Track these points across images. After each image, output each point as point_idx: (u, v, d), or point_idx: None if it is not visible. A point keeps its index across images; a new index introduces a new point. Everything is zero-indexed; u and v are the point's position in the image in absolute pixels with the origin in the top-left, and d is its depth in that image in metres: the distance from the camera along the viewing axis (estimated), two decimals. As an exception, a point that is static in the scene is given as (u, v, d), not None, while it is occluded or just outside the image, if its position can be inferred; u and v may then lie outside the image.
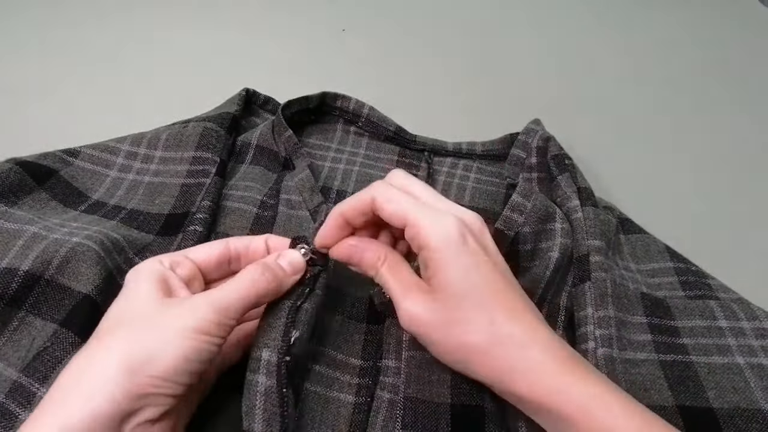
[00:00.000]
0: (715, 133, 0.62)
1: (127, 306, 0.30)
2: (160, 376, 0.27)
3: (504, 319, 0.31)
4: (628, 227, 0.48)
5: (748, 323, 0.39)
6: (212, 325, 0.29)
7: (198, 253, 0.35)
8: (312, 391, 0.36)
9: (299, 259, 0.35)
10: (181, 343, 0.28)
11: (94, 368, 0.26)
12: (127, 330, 0.28)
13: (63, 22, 0.67)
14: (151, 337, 0.28)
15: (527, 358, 0.30)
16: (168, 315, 0.29)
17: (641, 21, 0.79)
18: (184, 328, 0.28)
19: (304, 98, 0.53)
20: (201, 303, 0.29)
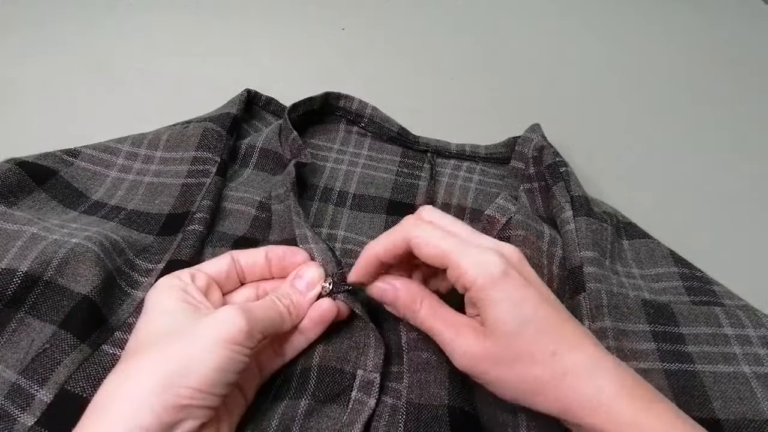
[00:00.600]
0: (717, 132, 0.62)
1: (154, 323, 0.30)
2: (197, 387, 0.27)
3: (566, 349, 0.30)
4: (631, 232, 0.47)
5: (754, 331, 0.39)
6: (243, 334, 0.29)
7: (209, 267, 0.35)
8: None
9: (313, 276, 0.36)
10: (214, 353, 0.28)
11: (131, 384, 0.27)
12: (160, 345, 0.29)
13: (63, 22, 0.67)
14: (185, 349, 0.28)
15: (596, 389, 0.29)
16: (199, 327, 0.29)
17: (642, 21, 0.78)
18: (217, 339, 0.29)
19: (309, 99, 0.52)
20: (230, 313, 0.30)
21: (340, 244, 0.45)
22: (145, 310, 0.32)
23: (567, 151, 0.51)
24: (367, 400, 0.34)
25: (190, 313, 0.30)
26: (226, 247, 0.41)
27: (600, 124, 0.62)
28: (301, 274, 0.36)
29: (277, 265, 0.37)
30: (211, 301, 0.33)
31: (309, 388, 0.35)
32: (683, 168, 0.58)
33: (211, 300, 0.34)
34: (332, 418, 0.34)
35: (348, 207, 0.48)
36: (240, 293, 0.37)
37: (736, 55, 0.73)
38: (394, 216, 0.47)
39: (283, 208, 0.43)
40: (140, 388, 0.26)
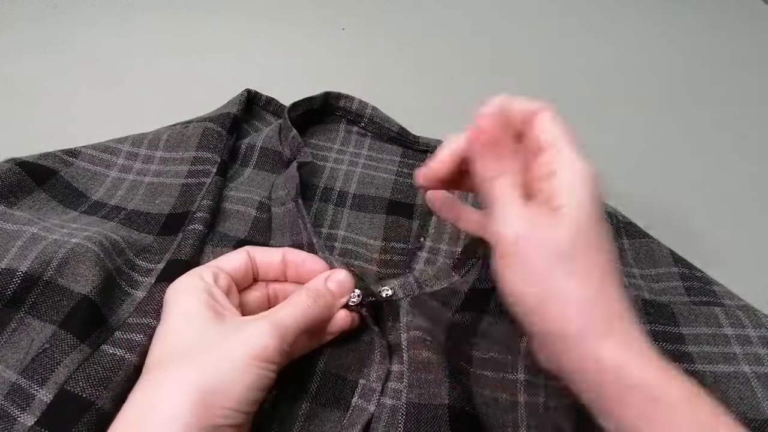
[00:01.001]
0: (718, 132, 0.62)
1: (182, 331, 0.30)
2: (231, 407, 0.27)
3: (612, 283, 0.28)
4: (631, 231, 0.47)
5: (754, 331, 0.39)
6: (274, 352, 0.29)
7: (228, 265, 0.35)
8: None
9: (348, 281, 0.36)
10: (247, 372, 0.28)
11: (164, 401, 0.26)
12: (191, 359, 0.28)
13: (63, 22, 0.67)
14: (219, 366, 0.28)
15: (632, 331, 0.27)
16: (231, 341, 0.29)
17: (642, 20, 0.78)
18: (250, 356, 0.28)
19: (309, 99, 0.52)
20: (262, 329, 0.29)
21: (340, 243, 0.45)
22: (168, 312, 0.31)
23: (567, 151, 0.51)
24: (367, 407, 0.34)
25: (218, 323, 0.30)
26: (227, 248, 0.41)
27: (600, 124, 0.62)
28: (333, 278, 0.36)
29: (295, 269, 0.37)
30: (232, 302, 0.33)
31: (311, 391, 0.35)
32: (683, 168, 0.58)
33: (232, 302, 0.33)
34: (332, 421, 0.34)
35: (348, 207, 0.48)
36: (251, 294, 0.37)
37: (736, 55, 0.73)
38: (394, 216, 0.47)
39: (284, 211, 0.43)
40: (175, 406, 0.26)
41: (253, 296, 0.37)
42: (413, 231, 0.47)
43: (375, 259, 0.44)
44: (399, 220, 0.47)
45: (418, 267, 0.44)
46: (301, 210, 0.41)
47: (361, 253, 0.44)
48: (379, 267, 0.44)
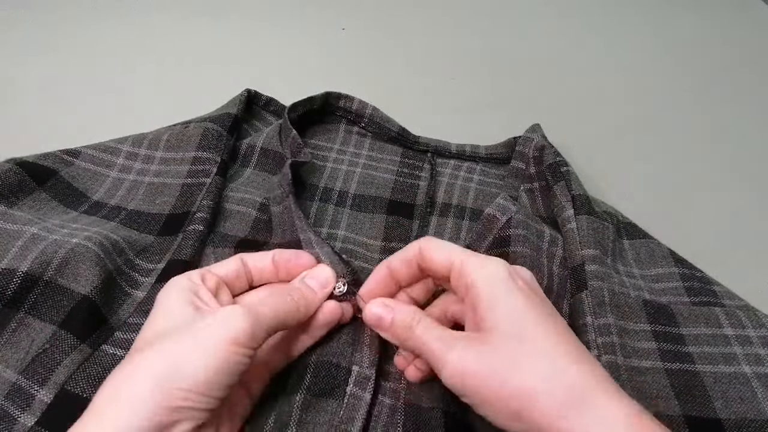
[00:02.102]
0: (718, 132, 0.62)
1: (159, 322, 0.30)
2: (190, 389, 0.26)
3: (567, 364, 0.28)
4: (631, 232, 0.47)
5: (754, 331, 0.39)
6: (245, 335, 0.28)
7: (219, 268, 0.35)
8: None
9: (327, 275, 0.36)
10: (213, 354, 0.27)
11: (127, 384, 0.26)
12: (158, 344, 0.28)
13: (63, 22, 0.67)
14: (181, 349, 0.27)
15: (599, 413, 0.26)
16: (199, 326, 0.29)
17: (642, 21, 0.79)
18: (217, 339, 0.28)
19: (309, 99, 0.52)
20: (233, 312, 0.29)
21: (340, 243, 0.45)
22: (152, 310, 0.31)
23: (567, 152, 0.51)
24: (362, 395, 0.34)
25: (193, 314, 0.30)
26: (228, 248, 0.41)
27: (600, 124, 0.62)
28: (313, 273, 0.36)
29: (284, 268, 0.37)
30: (221, 303, 0.33)
31: (305, 382, 0.35)
32: (684, 168, 0.58)
33: (221, 302, 0.33)
34: (329, 412, 0.34)
35: (348, 207, 0.48)
36: (250, 295, 0.37)
37: (736, 55, 0.73)
38: (394, 216, 0.47)
39: (281, 209, 0.43)
40: (135, 389, 0.26)
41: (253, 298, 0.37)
42: (413, 231, 0.47)
43: (375, 259, 0.44)
44: (399, 220, 0.47)
45: None
46: (296, 208, 0.41)
47: (362, 253, 0.44)
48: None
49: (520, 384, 0.27)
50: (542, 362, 0.28)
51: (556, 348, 0.28)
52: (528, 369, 0.28)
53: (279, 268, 0.37)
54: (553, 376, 0.27)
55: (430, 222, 0.48)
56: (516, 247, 0.41)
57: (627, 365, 0.36)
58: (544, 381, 0.27)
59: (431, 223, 0.48)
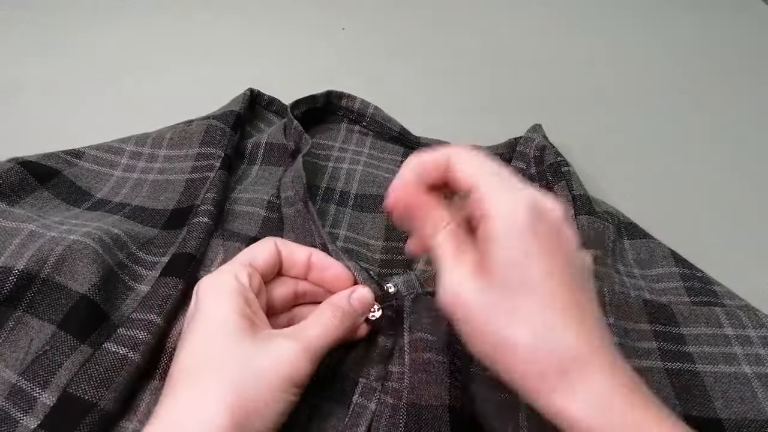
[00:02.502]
0: (718, 132, 0.62)
1: (215, 340, 0.29)
2: (257, 428, 0.27)
3: (560, 322, 0.25)
4: (632, 232, 0.47)
5: (755, 331, 0.39)
6: (305, 376, 0.29)
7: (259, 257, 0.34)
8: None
9: (369, 300, 0.35)
10: (282, 397, 0.28)
11: (200, 415, 0.26)
12: (227, 374, 0.27)
13: (64, 22, 0.67)
14: (255, 389, 0.27)
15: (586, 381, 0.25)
16: (266, 361, 0.28)
17: (642, 21, 0.79)
18: (285, 381, 0.28)
19: (312, 97, 0.52)
20: (295, 352, 0.29)
21: (341, 243, 0.45)
22: (199, 317, 0.30)
23: (568, 152, 0.51)
24: (368, 405, 0.34)
25: (252, 336, 0.29)
26: (239, 243, 0.41)
27: (601, 124, 0.62)
28: (359, 295, 0.35)
29: (318, 273, 0.36)
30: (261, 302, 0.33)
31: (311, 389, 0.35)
32: (684, 168, 0.58)
33: (261, 301, 0.33)
34: (334, 417, 0.34)
35: (350, 207, 0.48)
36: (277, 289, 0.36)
37: (736, 55, 0.73)
38: (395, 215, 0.47)
39: (294, 212, 0.43)
40: (210, 422, 0.26)
41: (278, 292, 0.36)
42: (415, 231, 0.47)
43: (376, 259, 0.44)
44: (400, 220, 0.47)
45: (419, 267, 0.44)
46: (312, 214, 0.41)
47: (363, 253, 0.44)
48: (380, 267, 0.44)
49: (505, 336, 0.26)
50: (537, 317, 0.26)
51: (554, 305, 0.26)
52: (517, 322, 0.26)
53: (312, 269, 0.36)
54: (541, 335, 0.25)
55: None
56: None
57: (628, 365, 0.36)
58: (531, 336, 0.25)
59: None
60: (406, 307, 0.38)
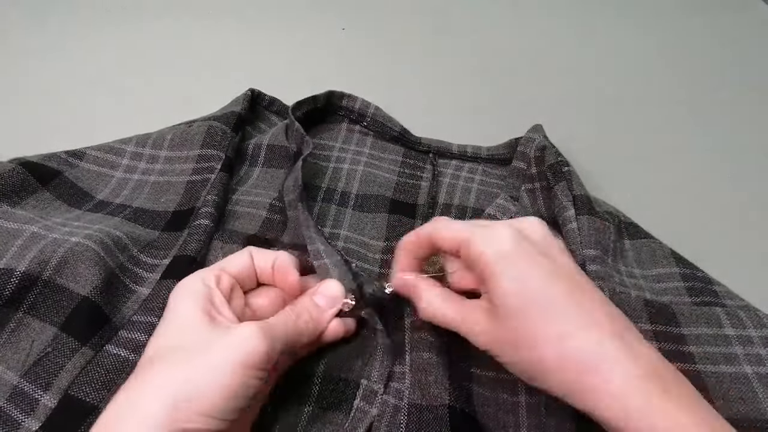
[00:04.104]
0: (718, 132, 0.62)
1: (171, 332, 0.29)
2: (204, 413, 0.26)
3: (574, 331, 0.28)
4: (633, 232, 0.47)
5: (756, 331, 0.39)
6: (261, 358, 0.28)
7: (232, 266, 0.34)
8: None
9: (335, 293, 0.35)
10: (228, 378, 0.27)
11: (137, 404, 0.26)
12: (171, 362, 0.27)
13: (64, 23, 0.67)
14: (196, 371, 0.27)
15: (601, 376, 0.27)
16: (215, 346, 0.28)
17: (642, 21, 0.78)
18: (233, 362, 0.27)
19: (313, 98, 0.52)
20: (249, 333, 0.28)
21: (342, 243, 0.45)
22: (165, 315, 0.31)
23: (568, 152, 0.51)
24: (369, 409, 0.34)
25: (210, 326, 0.29)
26: (237, 245, 0.41)
27: (601, 124, 0.62)
28: (322, 290, 0.35)
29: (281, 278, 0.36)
30: (234, 306, 0.32)
31: (312, 395, 0.35)
32: (684, 168, 0.58)
33: (234, 305, 0.32)
34: (335, 424, 0.34)
35: (350, 207, 0.48)
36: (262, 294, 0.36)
37: (736, 55, 0.73)
38: (396, 215, 0.47)
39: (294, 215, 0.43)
40: (146, 408, 0.25)
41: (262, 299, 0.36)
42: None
43: (377, 259, 0.44)
44: (401, 220, 0.47)
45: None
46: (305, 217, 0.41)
47: (363, 253, 0.44)
48: (381, 267, 0.44)
49: (530, 357, 0.29)
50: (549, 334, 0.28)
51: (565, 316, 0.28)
52: (536, 342, 0.28)
53: (276, 274, 0.36)
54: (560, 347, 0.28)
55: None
56: None
57: None
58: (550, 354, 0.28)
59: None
60: (406, 307, 0.38)
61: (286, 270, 0.36)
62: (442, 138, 0.55)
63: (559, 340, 0.28)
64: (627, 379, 0.26)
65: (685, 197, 0.55)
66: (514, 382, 0.36)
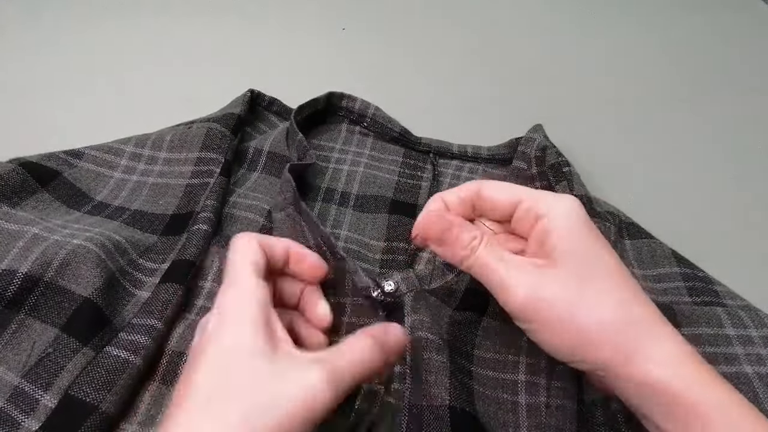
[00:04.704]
0: (718, 132, 0.62)
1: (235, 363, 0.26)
2: None
3: (634, 299, 0.29)
4: (633, 232, 0.47)
5: (756, 331, 0.39)
6: (326, 412, 0.25)
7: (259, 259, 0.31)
8: None
9: (403, 340, 0.31)
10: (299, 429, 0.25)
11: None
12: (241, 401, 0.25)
13: (63, 22, 0.67)
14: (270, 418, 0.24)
15: (664, 343, 0.28)
16: (284, 387, 0.25)
17: (642, 21, 0.78)
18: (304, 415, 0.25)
19: (314, 101, 0.52)
20: (318, 380, 0.26)
21: (342, 243, 0.45)
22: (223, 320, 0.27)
23: (569, 152, 0.51)
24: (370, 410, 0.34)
25: (271, 357, 0.26)
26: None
27: (602, 124, 0.62)
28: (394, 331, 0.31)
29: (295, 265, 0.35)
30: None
31: None
32: (685, 167, 0.58)
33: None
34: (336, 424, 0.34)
35: (351, 207, 0.48)
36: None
37: (736, 55, 0.73)
38: (396, 215, 0.47)
39: (283, 216, 0.43)
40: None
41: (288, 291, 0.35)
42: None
43: (377, 259, 0.44)
44: (402, 220, 0.47)
45: (420, 267, 0.44)
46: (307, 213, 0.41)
47: (363, 253, 0.44)
48: (381, 267, 0.44)
49: (591, 315, 0.28)
50: (615, 296, 0.29)
51: (622, 287, 0.29)
52: (601, 300, 0.28)
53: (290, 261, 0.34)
54: (624, 310, 0.28)
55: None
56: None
57: None
58: (614, 314, 0.28)
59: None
60: (407, 307, 0.38)
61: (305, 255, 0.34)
62: (443, 138, 0.55)
63: (623, 304, 0.28)
64: (681, 353, 0.27)
65: (686, 197, 0.55)
66: (515, 382, 0.36)
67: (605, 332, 0.28)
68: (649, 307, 0.29)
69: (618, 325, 0.28)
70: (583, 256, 0.29)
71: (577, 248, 0.29)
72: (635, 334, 0.28)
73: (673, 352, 0.27)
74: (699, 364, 0.27)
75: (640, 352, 0.27)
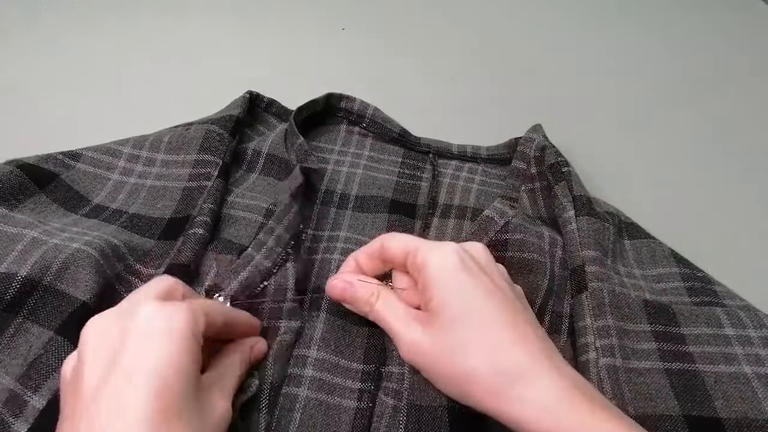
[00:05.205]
0: (717, 132, 0.62)
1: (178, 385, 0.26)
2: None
3: (507, 343, 0.30)
4: (633, 232, 0.47)
5: (755, 331, 0.39)
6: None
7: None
8: (312, 398, 0.35)
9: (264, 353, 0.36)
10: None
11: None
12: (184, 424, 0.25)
13: (62, 22, 0.67)
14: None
15: (537, 384, 0.29)
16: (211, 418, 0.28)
17: (642, 21, 0.78)
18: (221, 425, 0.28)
19: (313, 102, 0.52)
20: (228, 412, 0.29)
21: (341, 244, 0.45)
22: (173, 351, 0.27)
23: (568, 152, 0.51)
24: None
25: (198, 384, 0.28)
26: (232, 254, 0.41)
27: (601, 124, 0.62)
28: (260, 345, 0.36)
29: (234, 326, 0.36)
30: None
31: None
32: (685, 168, 0.58)
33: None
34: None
35: (350, 209, 0.48)
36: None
37: (736, 55, 0.73)
38: (396, 215, 0.47)
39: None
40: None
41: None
42: (415, 231, 0.47)
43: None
44: (401, 219, 0.47)
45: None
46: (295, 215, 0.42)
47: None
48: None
49: (464, 365, 0.30)
50: (484, 343, 0.30)
51: (500, 329, 0.30)
52: (471, 350, 0.30)
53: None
54: (493, 357, 0.30)
55: (432, 222, 0.48)
56: (513, 252, 0.41)
57: (625, 367, 0.36)
58: (483, 362, 0.30)
59: (433, 223, 0.47)
60: None
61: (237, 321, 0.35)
62: (442, 138, 0.55)
63: (492, 351, 0.30)
64: (555, 390, 0.28)
65: (686, 197, 0.55)
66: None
67: (477, 378, 0.30)
68: (529, 345, 0.30)
69: (486, 371, 0.29)
70: (456, 307, 0.31)
71: (448, 300, 0.31)
72: (504, 379, 0.29)
73: (547, 393, 0.28)
74: (578, 402, 0.28)
75: (511, 395, 0.29)
